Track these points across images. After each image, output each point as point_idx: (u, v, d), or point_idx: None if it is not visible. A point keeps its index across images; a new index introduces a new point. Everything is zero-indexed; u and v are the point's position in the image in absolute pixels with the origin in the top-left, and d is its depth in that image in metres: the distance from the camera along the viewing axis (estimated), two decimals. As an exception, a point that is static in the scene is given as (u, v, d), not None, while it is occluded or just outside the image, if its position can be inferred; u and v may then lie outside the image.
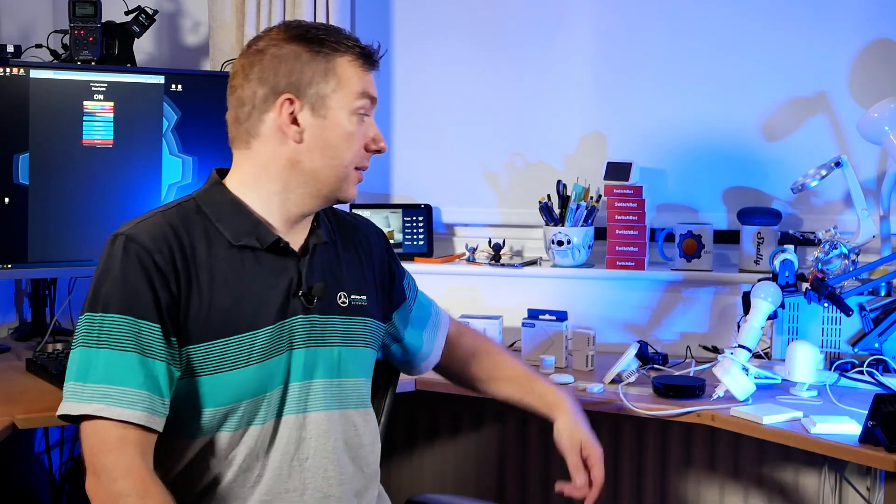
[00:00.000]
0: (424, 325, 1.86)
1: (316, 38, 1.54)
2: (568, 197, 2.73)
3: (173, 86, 2.58)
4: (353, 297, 1.65)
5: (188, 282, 1.49)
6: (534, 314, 2.51)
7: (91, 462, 1.42)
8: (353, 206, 2.86)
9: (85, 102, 2.49)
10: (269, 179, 1.56)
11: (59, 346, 2.48)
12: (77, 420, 1.45)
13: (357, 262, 1.70)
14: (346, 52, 1.55)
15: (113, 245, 1.49)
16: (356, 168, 1.58)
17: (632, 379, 2.28)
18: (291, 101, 1.53)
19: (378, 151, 1.60)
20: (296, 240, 1.60)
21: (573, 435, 1.74)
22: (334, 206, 1.69)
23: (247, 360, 1.50)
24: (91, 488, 1.42)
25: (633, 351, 2.28)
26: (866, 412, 1.84)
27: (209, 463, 1.52)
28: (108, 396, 1.42)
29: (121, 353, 1.43)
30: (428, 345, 1.86)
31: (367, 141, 1.58)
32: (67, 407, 1.44)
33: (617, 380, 2.27)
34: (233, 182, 1.59)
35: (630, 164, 2.67)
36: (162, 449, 1.50)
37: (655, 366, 2.40)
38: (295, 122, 1.54)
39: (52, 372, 2.19)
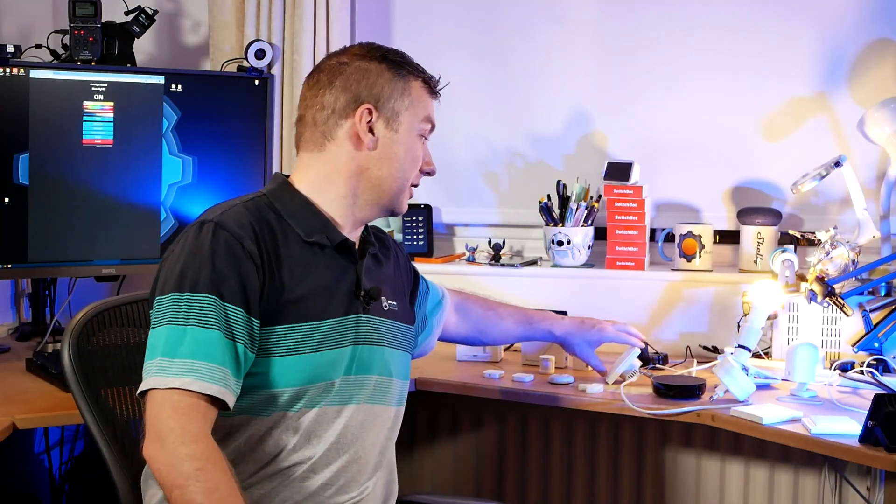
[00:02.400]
0: (434, 315, 2.00)
1: (396, 61, 1.69)
2: (568, 197, 2.73)
3: (173, 86, 2.58)
4: (390, 302, 1.75)
5: (270, 268, 1.57)
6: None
7: (156, 426, 1.45)
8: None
9: (85, 102, 2.49)
10: (339, 183, 1.67)
11: (59, 346, 2.48)
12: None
13: (391, 270, 1.81)
14: (419, 77, 1.71)
15: (201, 231, 1.56)
16: (412, 185, 1.73)
17: (633, 378, 2.29)
18: (371, 112, 1.65)
19: (429, 174, 1.74)
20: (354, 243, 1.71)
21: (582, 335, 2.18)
22: None
23: (315, 346, 1.59)
24: (152, 451, 1.45)
25: (636, 352, 2.28)
26: (866, 412, 1.84)
27: (268, 440, 1.58)
28: (196, 371, 1.47)
29: (207, 331, 1.50)
30: (436, 327, 2.01)
31: (423, 162, 1.73)
32: (155, 381, 1.47)
33: (619, 380, 2.27)
34: (301, 183, 1.68)
35: (630, 164, 2.67)
36: (226, 427, 1.56)
37: (658, 365, 2.40)
38: (371, 131, 1.66)
39: (52, 372, 2.19)
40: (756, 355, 2.39)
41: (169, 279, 1.53)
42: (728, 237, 2.74)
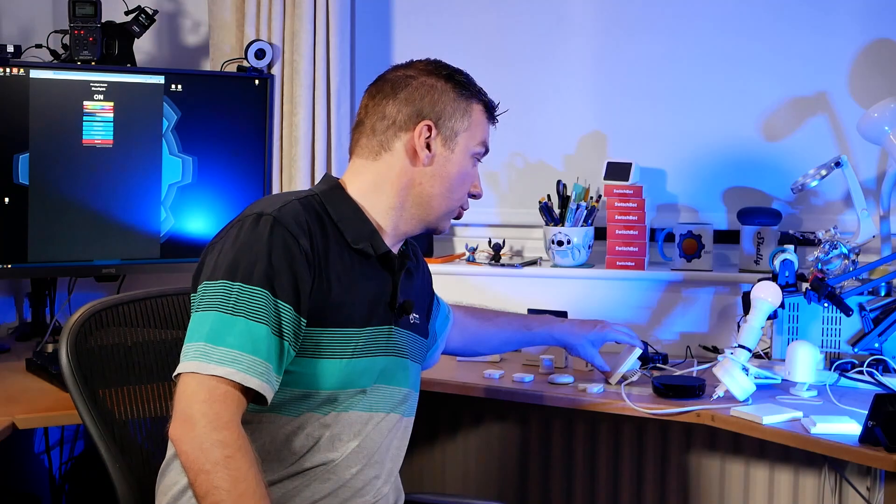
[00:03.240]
0: (442, 331, 2.02)
1: (462, 82, 1.72)
2: (568, 197, 2.73)
3: (173, 86, 2.59)
4: (414, 315, 1.76)
5: (319, 268, 1.57)
6: (534, 314, 2.51)
7: (188, 409, 1.44)
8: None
9: (85, 102, 2.49)
10: (390, 194, 1.68)
11: (58, 345, 2.48)
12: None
13: (418, 284, 1.83)
14: (481, 101, 1.74)
15: (258, 223, 1.54)
16: (461, 208, 1.75)
17: (635, 378, 2.29)
18: (430, 128, 1.67)
19: (476, 196, 1.76)
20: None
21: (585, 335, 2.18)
22: None
23: (352, 352, 1.60)
24: (180, 432, 1.43)
25: (637, 352, 2.28)
26: (866, 412, 1.84)
27: (293, 440, 1.59)
28: (239, 362, 1.46)
29: (256, 324, 1.49)
30: (440, 349, 2.03)
31: (472, 185, 1.74)
32: (196, 366, 1.45)
33: (621, 380, 2.27)
34: (353, 188, 1.69)
35: (630, 164, 2.67)
36: (252, 421, 1.56)
37: (658, 365, 2.40)
38: (428, 147, 1.67)
39: (52, 372, 2.19)
40: (756, 355, 2.39)
41: (220, 265, 1.52)
42: (728, 237, 2.74)
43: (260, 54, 2.75)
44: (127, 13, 2.74)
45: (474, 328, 2.14)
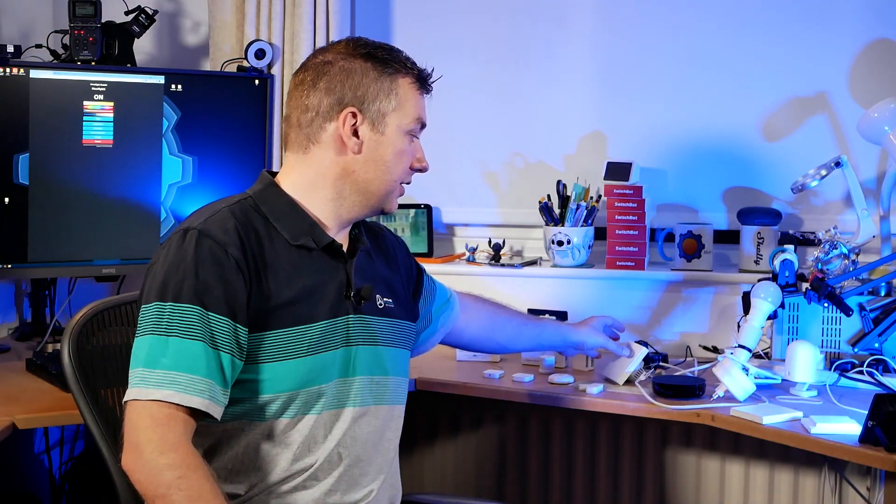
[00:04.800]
0: (441, 315, 1.97)
1: (382, 58, 1.63)
2: (568, 197, 2.73)
3: (173, 86, 2.58)
4: (385, 299, 1.72)
5: (257, 272, 1.55)
6: (534, 314, 2.51)
7: (134, 437, 1.44)
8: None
9: (85, 102, 2.49)
10: (325, 186, 1.64)
11: (59, 346, 2.48)
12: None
13: (386, 267, 1.78)
14: (408, 75, 1.64)
15: (184, 239, 1.53)
16: (401, 183, 1.68)
17: (642, 378, 2.29)
18: (355, 115, 1.61)
19: (421, 170, 1.70)
20: (342, 243, 1.67)
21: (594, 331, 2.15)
22: None
23: (306, 350, 1.57)
24: (130, 463, 1.44)
25: (644, 352, 2.29)
26: (866, 412, 1.84)
27: (266, 448, 1.57)
28: (177, 383, 1.46)
29: (190, 342, 1.48)
30: (442, 325, 1.98)
31: (414, 160, 1.68)
32: (137, 392, 1.46)
33: (629, 380, 2.28)
34: (287, 184, 1.65)
35: (630, 164, 2.67)
36: (223, 434, 1.56)
37: (662, 364, 2.40)
38: (356, 134, 1.62)
39: (52, 372, 2.19)
40: (756, 355, 2.39)
41: (152, 288, 1.52)
42: (728, 237, 2.74)
43: (260, 54, 2.75)
44: (127, 13, 2.74)
45: (488, 313, 2.09)
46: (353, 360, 1.63)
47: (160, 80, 2.57)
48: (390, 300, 1.73)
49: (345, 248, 1.67)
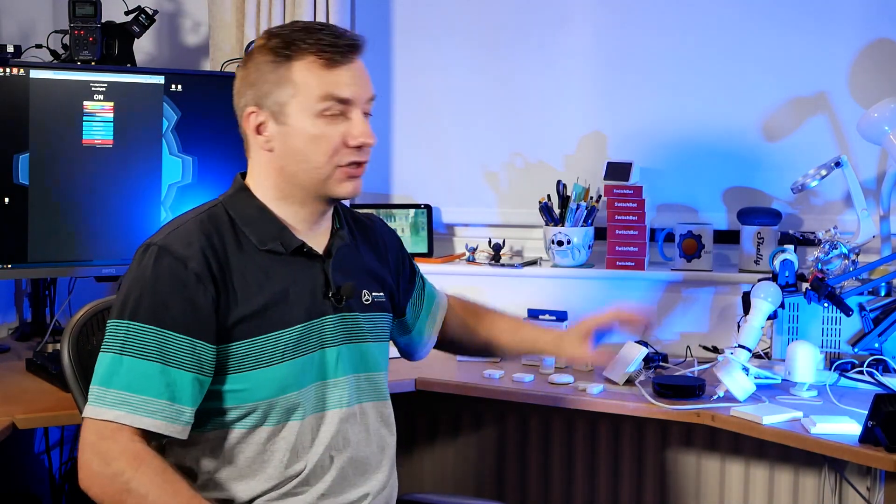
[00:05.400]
0: (428, 315, 1.92)
1: (276, 47, 1.55)
2: (568, 197, 2.73)
3: (173, 86, 2.58)
4: (374, 294, 1.70)
5: (223, 284, 1.52)
6: (534, 314, 2.51)
7: (83, 455, 1.46)
8: (352, 205, 2.86)
9: (85, 102, 2.48)
10: (271, 186, 1.61)
11: (59, 346, 2.48)
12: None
13: (375, 261, 1.75)
14: (306, 55, 1.54)
15: (145, 254, 1.53)
16: (341, 166, 1.57)
17: (642, 378, 2.29)
18: (254, 113, 1.57)
19: (360, 147, 1.57)
20: (319, 241, 1.64)
21: (580, 338, 1.86)
22: (350, 208, 1.79)
23: (280, 357, 1.55)
24: (85, 481, 1.46)
25: (644, 352, 2.29)
26: (866, 412, 1.84)
27: (254, 457, 1.56)
28: (128, 404, 1.46)
29: (144, 362, 1.47)
30: (428, 334, 1.92)
31: (345, 139, 1.56)
32: (90, 410, 1.48)
33: (628, 380, 2.28)
34: (253, 186, 1.63)
35: (630, 164, 2.67)
36: (207, 444, 1.56)
37: (662, 364, 2.40)
38: (263, 131, 1.58)
39: (52, 372, 2.19)
40: (756, 355, 2.39)
41: (116, 304, 1.52)
42: (728, 237, 2.74)
43: (260, 54, 2.75)
44: (127, 13, 2.74)
45: (474, 315, 1.98)
46: (334, 360, 1.60)
47: (160, 80, 2.57)
48: (379, 294, 1.71)
49: (324, 245, 1.64)
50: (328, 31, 1.55)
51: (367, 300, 1.67)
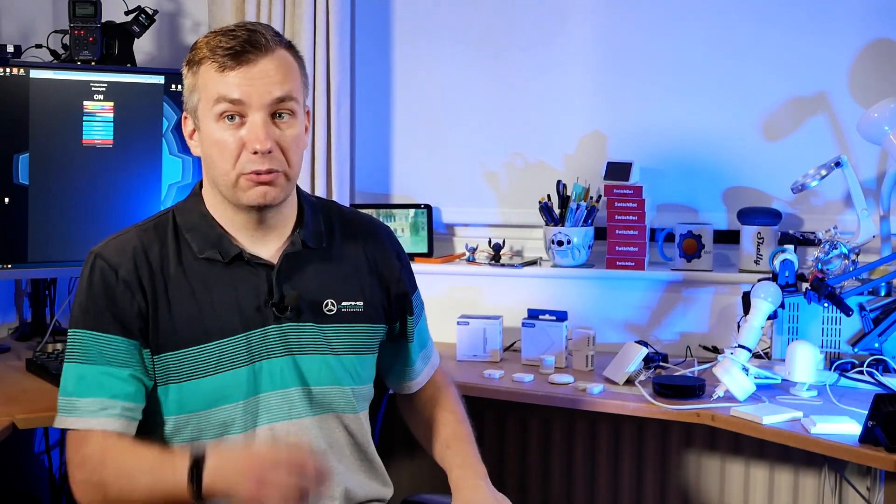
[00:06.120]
0: (421, 350, 1.82)
1: (190, 54, 1.57)
2: (568, 197, 2.73)
3: (173, 86, 2.58)
4: (343, 304, 1.63)
5: (154, 293, 1.54)
6: (534, 314, 2.51)
7: (68, 467, 1.53)
8: (352, 205, 2.86)
9: (85, 102, 2.49)
10: (209, 192, 1.63)
11: (58, 346, 2.48)
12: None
13: (355, 268, 1.67)
14: (206, 59, 1.53)
15: (85, 263, 1.58)
16: (244, 174, 1.53)
17: (642, 378, 2.29)
18: (186, 119, 1.61)
19: (255, 152, 1.51)
20: (267, 248, 1.61)
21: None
22: (346, 209, 1.76)
23: (214, 368, 1.54)
24: (76, 493, 1.52)
25: (644, 352, 2.29)
26: (866, 412, 1.84)
27: None
28: (78, 409, 1.52)
29: (85, 366, 1.52)
30: (419, 371, 1.83)
31: (245, 144, 1.53)
32: (56, 421, 1.55)
33: (628, 380, 2.28)
34: (203, 192, 1.65)
35: (630, 164, 2.67)
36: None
37: (662, 364, 2.40)
38: (193, 137, 1.61)
39: (52, 372, 2.19)
40: (756, 355, 2.39)
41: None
42: (728, 237, 2.74)
43: (260, 54, 2.75)
44: (127, 13, 2.74)
45: (437, 404, 1.83)
46: (275, 372, 1.56)
47: (160, 80, 2.57)
48: (353, 303, 1.64)
49: (273, 253, 1.59)
50: (230, 35, 1.53)
51: (330, 310, 1.62)
